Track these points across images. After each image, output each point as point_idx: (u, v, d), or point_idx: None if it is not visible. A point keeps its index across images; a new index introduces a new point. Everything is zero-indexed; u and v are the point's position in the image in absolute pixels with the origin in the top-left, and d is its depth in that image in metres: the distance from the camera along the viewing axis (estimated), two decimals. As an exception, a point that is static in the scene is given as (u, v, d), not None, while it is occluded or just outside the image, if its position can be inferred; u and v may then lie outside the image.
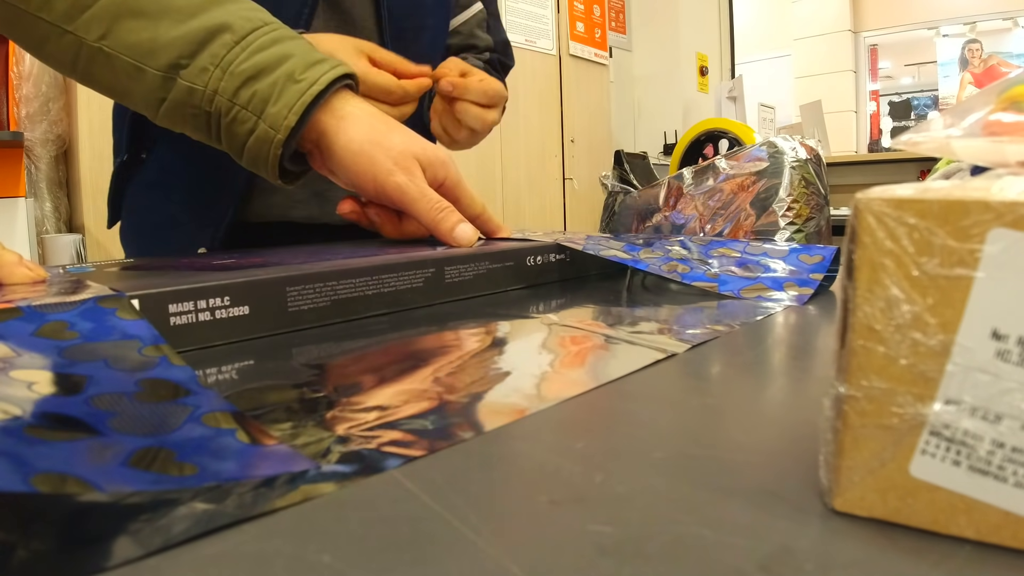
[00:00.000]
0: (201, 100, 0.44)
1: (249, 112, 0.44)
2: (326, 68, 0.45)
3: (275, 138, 0.44)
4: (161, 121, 0.47)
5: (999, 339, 0.13)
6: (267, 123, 0.44)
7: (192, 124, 0.46)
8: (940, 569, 0.13)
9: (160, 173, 0.66)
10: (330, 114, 0.46)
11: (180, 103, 0.45)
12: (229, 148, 0.47)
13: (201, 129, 0.46)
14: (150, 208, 0.67)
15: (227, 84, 0.44)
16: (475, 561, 0.13)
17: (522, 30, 2.60)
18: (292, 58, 0.45)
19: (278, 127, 0.44)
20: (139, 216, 0.68)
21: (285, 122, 0.44)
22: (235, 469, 0.17)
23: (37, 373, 0.21)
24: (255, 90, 0.44)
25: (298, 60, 0.45)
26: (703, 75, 3.69)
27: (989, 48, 5.42)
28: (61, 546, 0.14)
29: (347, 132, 0.46)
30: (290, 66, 0.44)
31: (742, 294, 0.43)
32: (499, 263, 0.45)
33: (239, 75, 0.44)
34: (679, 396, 0.24)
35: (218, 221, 0.63)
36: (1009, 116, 0.21)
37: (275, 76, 0.44)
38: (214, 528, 0.15)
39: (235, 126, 0.45)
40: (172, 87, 0.44)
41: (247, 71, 0.44)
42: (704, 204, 0.71)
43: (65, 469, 0.16)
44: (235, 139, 0.46)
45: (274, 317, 0.34)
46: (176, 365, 0.23)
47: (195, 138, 0.48)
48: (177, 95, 0.44)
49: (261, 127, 0.44)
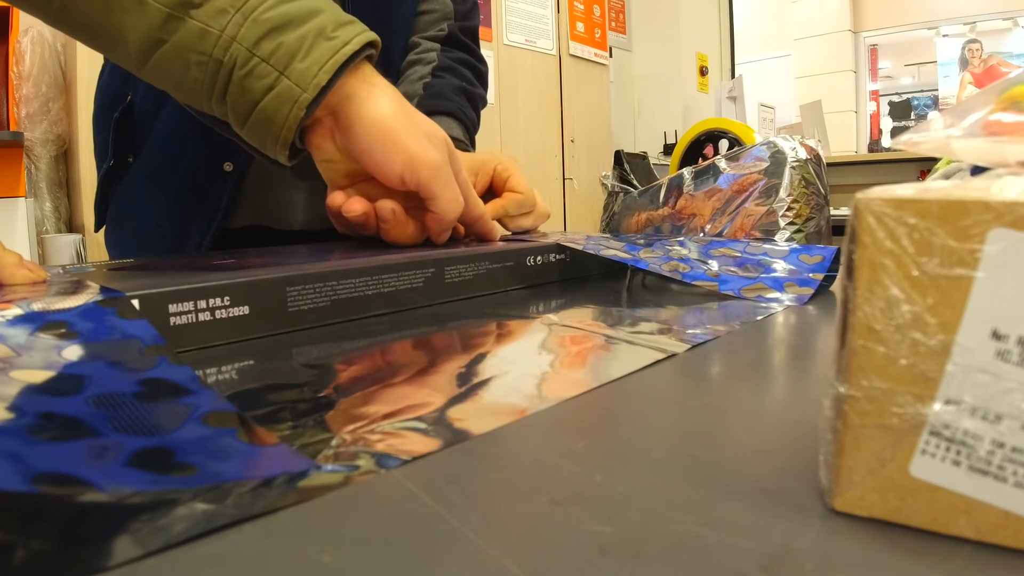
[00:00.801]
0: (213, 47, 0.38)
1: (270, 66, 0.39)
2: (359, 29, 0.41)
3: (300, 97, 0.39)
4: (148, 72, 0.41)
5: (999, 339, 0.13)
6: (292, 79, 0.39)
7: (191, 76, 0.40)
8: (940, 569, 0.13)
9: (146, 178, 0.64)
10: (360, 79, 0.42)
11: (184, 47, 0.39)
12: (233, 109, 0.41)
13: (201, 84, 0.40)
14: (135, 215, 0.66)
15: (248, 31, 0.38)
16: (475, 561, 0.13)
17: (522, 30, 2.60)
18: (323, 13, 0.40)
19: (306, 85, 0.39)
20: (124, 222, 0.67)
21: (315, 80, 0.39)
22: (235, 469, 0.17)
23: (37, 373, 0.21)
24: (280, 42, 0.39)
25: (329, 16, 0.40)
26: (703, 75, 3.69)
27: (989, 48, 5.42)
28: (61, 546, 0.14)
29: (378, 100, 0.42)
30: (321, 21, 0.40)
31: (742, 294, 0.43)
32: (499, 263, 0.45)
33: (263, 23, 0.38)
34: (679, 396, 0.24)
35: (204, 229, 0.62)
36: (1009, 116, 0.21)
37: (304, 30, 0.39)
38: (214, 528, 0.15)
39: (250, 80, 0.39)
40: (178, 28, 0.38)
41: (273, 20, 0.38)
42: (704, 204, 0.71)
43: (66, 469, 0.16)
44: (246, 96, 0.40)
45: (274, 317, 0.34)
46: (176, 365, 0.23)
47: (181, 98, 0.43)
48: (183, 37, 0.38)
49: (284, 84, 0.39)
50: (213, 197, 0.62)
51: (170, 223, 0.64)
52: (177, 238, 0.63)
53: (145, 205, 0.65)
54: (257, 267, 0.36)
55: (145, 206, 0.65)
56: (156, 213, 0.64)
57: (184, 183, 0.62)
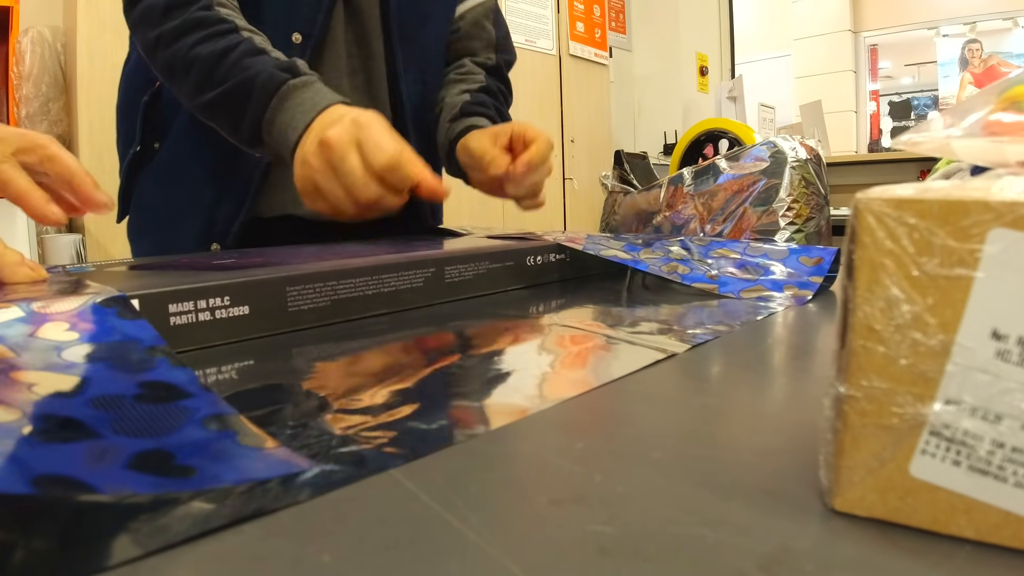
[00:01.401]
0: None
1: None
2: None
3: None
4: None
5: (999, 339, 0.13)
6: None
7: None
8: (940, 569, 0.13)
9: (173, 164, 0.64)
10: None
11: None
12: None
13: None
14: (160, 203, 0.65)
15: None
16: (475, 561, 0.13)
17: (522, 30, 2.60)
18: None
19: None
20: (147, 211, 0.67)
21: None
22: (234, 471, 0.17)
23: (37, 374, 0.21)
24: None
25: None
26: (703, 75, 3.69)
27: (989, 48, 5.42)
28: (61, 546, 0.14)
29: None
30: None
31: (742, 296, 0.43)
32: (499, 263, 0.45)
33: None
34: (679, 396, 0.24)
35: (232, 215, 0.61)
36: (1009, 116, 0.21)
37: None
38: (214, 528, 0.15)
39: None
40: None
41: None
42: (704, 204, 0.71)
43: (66, 471, 0.16)
44: None
45: (274, 317, 0.34)
46: (176, 367, 0.23)
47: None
48: None
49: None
50: (242, 181, 0.61)
51: (197, 208, 0.63)
52: (203, 224, 0.62)
53: (171, 191, 0.64)
54: (257, 267, 0.36)
55: (171, 192, 0.64)
56: (182, 199, 0.64)
57: (211, 167, 0.62)
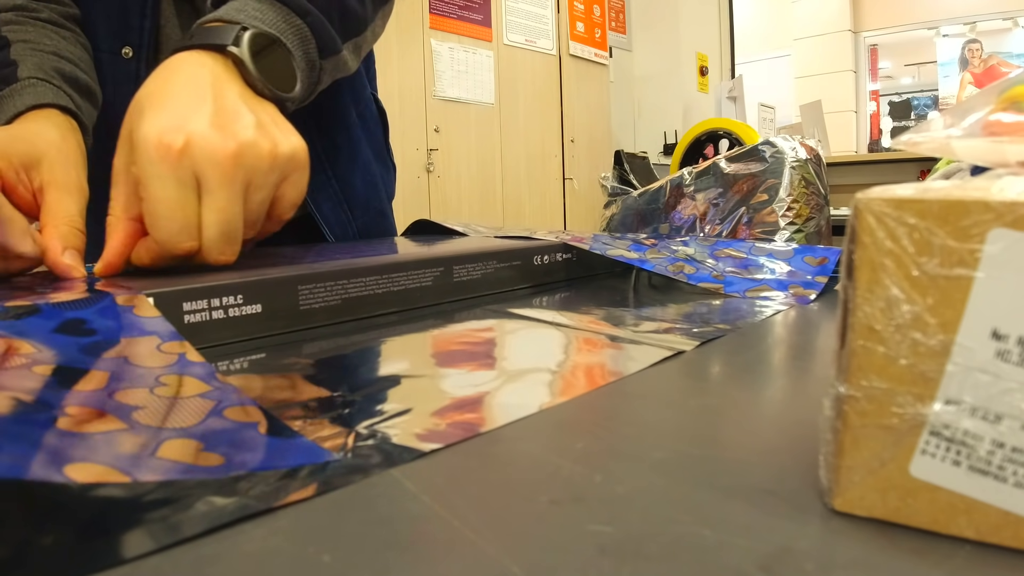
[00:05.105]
0: None
1: None
2: None
3: None
4: None
5: (999, 339, 0.13)
6: None
7: None
8: (940, 569, 0.13)
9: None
10: None
11: None
12: None
13: None
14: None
15: None
16: (475, 561, 0.13)
17: (522, 30, 2.60)
18: None
19: None
20: None
21: None
22: (260, 459, 0.17)
23: (60, 369, 0.21)
24: None
25: None
26: (703, 75, 3.69)
27: (989, 48, 5.43)
28: (72, 540, 0.14)
29: None
30: None
31: (747, 295, 0.43)
32: (506, 262, 0.46)
33: None
34: (679, 396, 0.24)
35: None
36: (1009, 116, 0.21)
37: None
38: (215, 527, 0.15)
39: None
40: None
41: None
42: (704, 204, 0.71)
43: (98, 459, 0.16)
44: None
45: (286, 315, 0.34)
46: (195, 361, 0.23)
47: None
48: None
49: None
50: None
51: None
52: None
53: None
54: (269, 266, 0.37)
55: None
56: None
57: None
